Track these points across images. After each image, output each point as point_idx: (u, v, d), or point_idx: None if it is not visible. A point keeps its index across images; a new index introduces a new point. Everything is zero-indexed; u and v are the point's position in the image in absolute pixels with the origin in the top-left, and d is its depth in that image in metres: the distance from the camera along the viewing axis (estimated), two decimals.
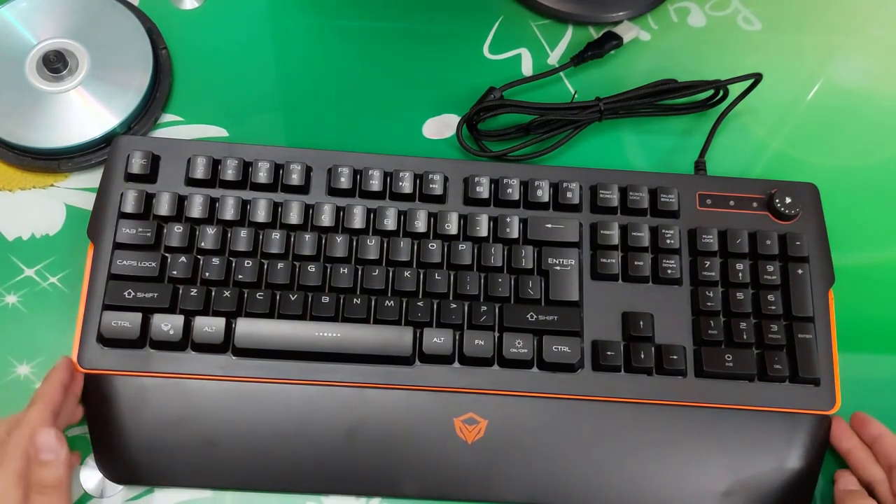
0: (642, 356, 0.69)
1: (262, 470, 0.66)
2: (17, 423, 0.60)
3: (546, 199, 0.73)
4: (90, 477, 0.67)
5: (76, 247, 0.72)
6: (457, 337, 0.69)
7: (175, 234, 0.69)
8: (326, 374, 0.68)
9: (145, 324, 0.67)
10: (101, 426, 0.67)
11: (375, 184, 0.72)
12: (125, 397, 0.67)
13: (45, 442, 0.58)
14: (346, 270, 0.69)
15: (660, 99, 0.81)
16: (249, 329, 0.68)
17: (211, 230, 0.70)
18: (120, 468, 0.66)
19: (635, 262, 0.71)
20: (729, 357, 0.69)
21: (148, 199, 0.70)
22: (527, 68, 0.85)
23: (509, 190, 0.73)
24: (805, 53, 0.87)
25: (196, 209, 0.70)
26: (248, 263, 0.69)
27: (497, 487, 0.67)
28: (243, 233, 0.70)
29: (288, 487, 0.67)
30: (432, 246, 0.71)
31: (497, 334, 0.69)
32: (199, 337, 0.67)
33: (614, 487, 0.67)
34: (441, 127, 0.82)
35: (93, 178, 0.77)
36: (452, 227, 0.71)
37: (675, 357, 0.69)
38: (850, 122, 0.84)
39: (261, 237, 0.70)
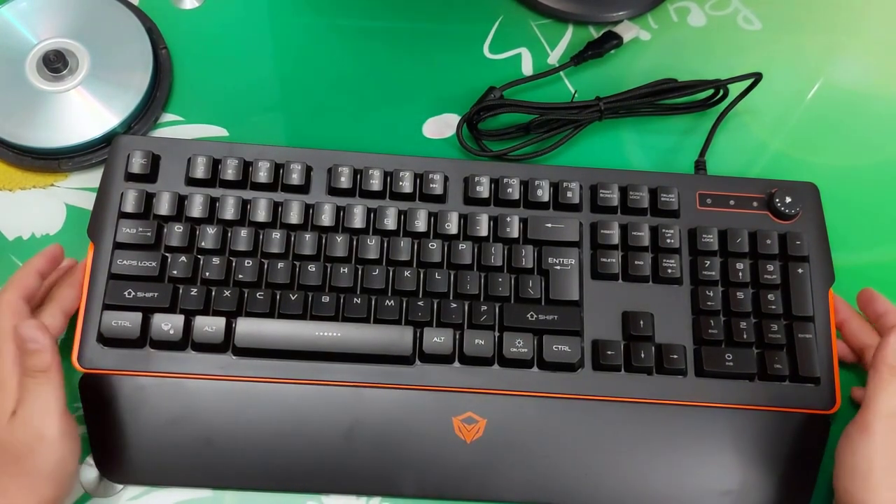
0: (642, 355, 0.69)
1: (261, 469, 0.66)
2: None
3: (546, 198, 0.73)
4: (89, 476, 0.67)
5: (76, 246, 0.72)
6: (457, 336, 0.69)
7: (175, 233, 0.69)
8: (326, 374, 0.68)
9: (145, 323, 0.67)
10: (100, 426, 0.67)
11: (376, 183, 0.72)
12: (125, 397, 0.67)
13: (27, 333, 0.61)
14: (346, 270, 0.69)
15: (660, 99, 0.81)
16: (250, 329, 0.68)
17: (211, 230, 0.70)
18: (119, 467, 0.66)
19: (635, 262, 0.71)
20: (729, 356, 0.69)
21: (148, 199, 0.70)
22: (527, 68, 0.85)
23: (509, 189, 0.73)
24: (805, 53, 0.87)
25: (196, 209, 0.70)
26: (248, 263, 0.69)
27: (495, 487, 0.67)
28: (243, 232, 0.70)
29: (287, 487, 0.67)
30: (432, 245, 0.71)
31: (497, 334, 0.69)
32: (200, 337, 0.67)
33: (614, 487, 0.67)
34: (441, 127, 0.82)
35: (93, 177, 0.77)
36: (452, 226, 0.71)
37: (675, 356, 0.69)
38: (849, 121, 0.84)
39: (261, 237, 0.70)
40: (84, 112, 0.77)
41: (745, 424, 0.68)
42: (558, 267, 0.71)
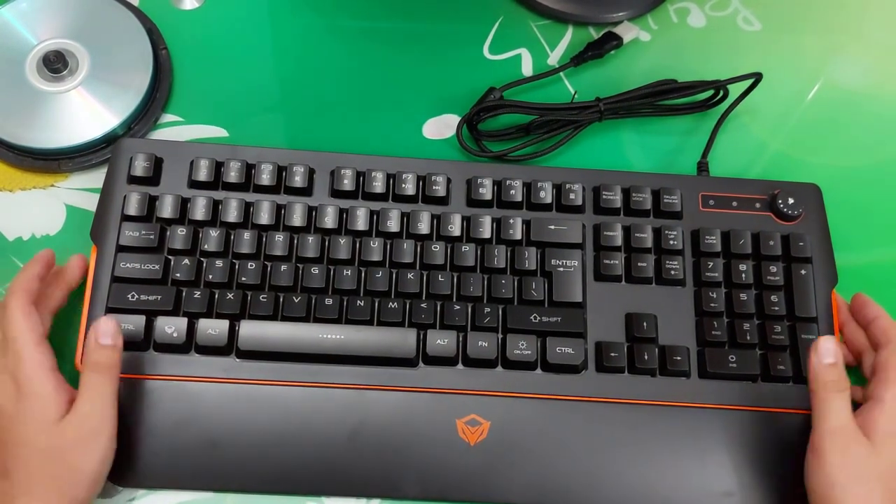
0: (646, 357, 0.69)
1: (264, 472, 0.66)
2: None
3: (549, 200, 0.73)
4: None
5: (77, 247, 0.72)
6: (460, 338, 0.69)
7: (178, 236, 0.69)
8: (329, 376, 0.68)
9: (149, 326, 0.67)
10: None
11: (378, 185, 0.72)
12: (128, 400, 0.67)
13: (106, 329, 0.63)
14: (349, 272, 0.69)
15: (660, 99, 0.81)
16: (253, 331, 0.67)
17: (214, 232, 0.70)
18: (122, 470, 0.66)
19: (638, 263, 0.71)
20: (732, 358, 0.69)
21: (151, 202, 0.70)
22: (527, 68, 0.85)
23: (512, 191, 0.73)
24: (805, 53, 0.88)
25: (199, 211, 0.70)
26: (251, 265, 0.69)
27: (499, 489, 0.67)
28: (246, 235, 0.70)
29: (290, 489, 0.67)
30: (436, 247, 0.71)
31: (500, 336, 0.69)
32: (203, 339, 0.67)
33: (617, 488, 0.67)
34: (441, 127, 0.82)
35: (93, 178, 0.77)
36: (455, 228, 0.71)
37: (678, 358, 0.69)
38: (850, 121, 0.84)
39: (264, 239, 0.70)
40: (84, 112, 0.76)
41: (748, 426, 0.69)
42: (561, 269, 0.71)
